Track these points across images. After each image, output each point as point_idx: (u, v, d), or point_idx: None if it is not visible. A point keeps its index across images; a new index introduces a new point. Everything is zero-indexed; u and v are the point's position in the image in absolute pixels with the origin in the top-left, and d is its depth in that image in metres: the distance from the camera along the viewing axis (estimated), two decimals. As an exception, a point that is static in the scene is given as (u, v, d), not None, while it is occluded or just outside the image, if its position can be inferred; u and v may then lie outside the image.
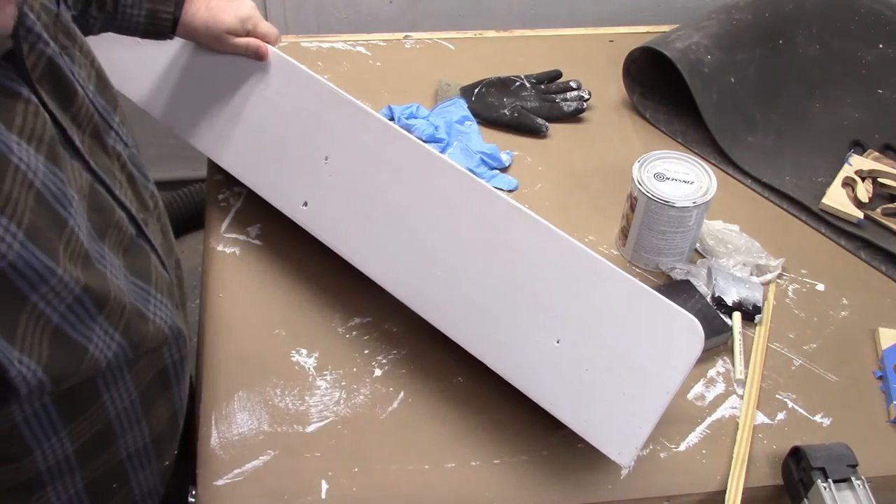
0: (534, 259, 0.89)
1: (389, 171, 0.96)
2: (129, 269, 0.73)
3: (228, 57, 1.05)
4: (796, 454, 0.87)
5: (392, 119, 1.26)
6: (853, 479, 0.83)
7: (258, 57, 1.03)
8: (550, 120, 1.30)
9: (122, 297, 0.69)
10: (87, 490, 0.75)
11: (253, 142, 1.05)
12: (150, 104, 1.13)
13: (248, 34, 1.03)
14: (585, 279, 0.86)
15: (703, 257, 1.10)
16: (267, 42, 1.04)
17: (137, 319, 0.71)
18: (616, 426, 0.83)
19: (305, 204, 1.00)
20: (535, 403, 0.92)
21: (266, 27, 1.05)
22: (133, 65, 1.12)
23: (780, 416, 0.95)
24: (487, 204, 0.91)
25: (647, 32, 1.46)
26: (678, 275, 1.06)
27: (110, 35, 0.98)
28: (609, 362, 0.84)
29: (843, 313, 1.06)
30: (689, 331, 0.83)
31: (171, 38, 1.01)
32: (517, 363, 0.88)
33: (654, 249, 1.06)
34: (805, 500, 0.84)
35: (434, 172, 0.95)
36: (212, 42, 1.03)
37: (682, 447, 0.92)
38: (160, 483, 0.84)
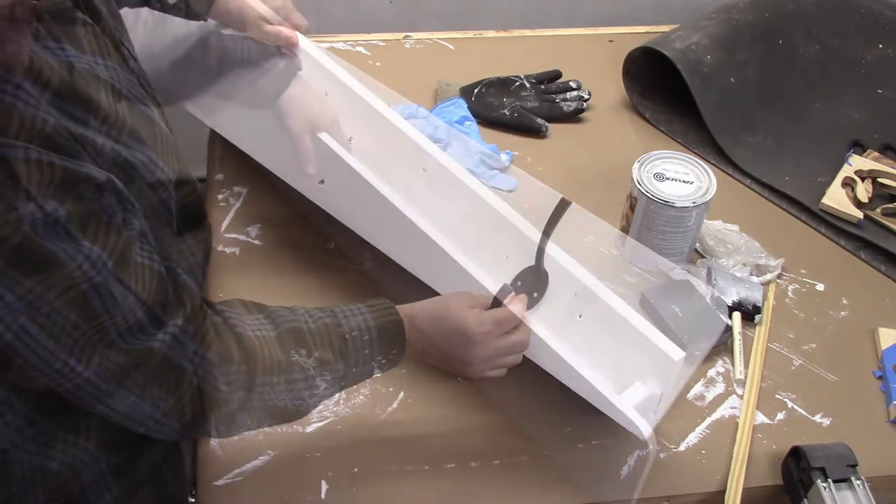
0: (556, 236, 0.90)
1: (413, 163, 0.99)
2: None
3: (250, 39, 1.06)
4: (796, 454, 0.87)
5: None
6: (853, 479, 0.83)
7: (289, 46, 1.04)
8: (550, 120, 1.30)
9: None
10: None
11: (270, 122, 1.05)
12: (159, 79, 1.13)
13: (280, 22, 1.04)
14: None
15: (703, 257, 1.10)
16: (298, 32, 1.05)
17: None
18: (635, 399, 0.84)
19: (322, 182, 1.01)
20: (534, 404, 0.92)
21: (298, 18, 1.06)
22: (143, 41, 1.13)
23: (780, 416, 0.95)
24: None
25: (647, 32, 1.46)
26: (678, 275, 1.05)
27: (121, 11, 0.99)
28: (631, 336, 0.85)
29: (843, 313, 1.06)
30: (714, 304, 0.88)
31: (204, 20, 1.02)
32: (534, 339, 0.87)
33: (654, 249, 1.06)
34: (805, 500, 0.84)
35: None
36: (243, 27, 1.03)
37: (682, 447, 0.92)
38: None
